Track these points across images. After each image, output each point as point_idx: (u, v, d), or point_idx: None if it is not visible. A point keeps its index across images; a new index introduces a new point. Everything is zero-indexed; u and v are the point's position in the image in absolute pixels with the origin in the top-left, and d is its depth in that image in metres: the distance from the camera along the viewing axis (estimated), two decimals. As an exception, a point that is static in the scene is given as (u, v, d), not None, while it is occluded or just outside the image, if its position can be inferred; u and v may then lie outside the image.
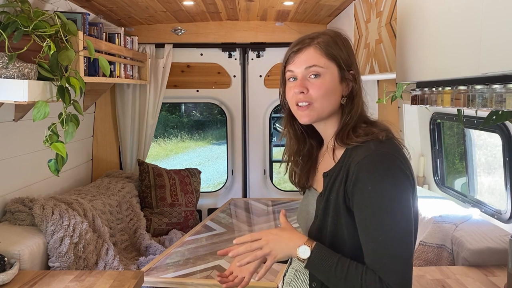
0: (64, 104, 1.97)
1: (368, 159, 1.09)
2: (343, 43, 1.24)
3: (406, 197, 1.09)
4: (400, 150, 1.15)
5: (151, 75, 3.69)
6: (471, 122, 2.32)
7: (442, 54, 1.40)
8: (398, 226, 1.06)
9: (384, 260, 1.05)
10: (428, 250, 2.20)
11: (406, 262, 1.06)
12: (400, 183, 1.08)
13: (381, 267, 1.05)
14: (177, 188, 3.63)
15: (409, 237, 1.08)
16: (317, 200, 1.22)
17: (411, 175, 1.13)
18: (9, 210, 2.37)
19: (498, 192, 2.37)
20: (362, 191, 1.08)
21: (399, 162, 1.10)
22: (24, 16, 1.88)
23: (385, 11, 2.15)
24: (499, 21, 1.07)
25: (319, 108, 1.20)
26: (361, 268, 1.08)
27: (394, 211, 1.06)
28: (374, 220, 1.07)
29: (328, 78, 1.19)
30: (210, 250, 2.56)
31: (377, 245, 1.06)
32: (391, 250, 1.05)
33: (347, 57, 1.22)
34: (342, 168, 1.15)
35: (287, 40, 3.70)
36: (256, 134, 3.98)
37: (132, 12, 3.12)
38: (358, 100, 1.22)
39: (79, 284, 1.90)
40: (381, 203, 1.06)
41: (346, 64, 1.22)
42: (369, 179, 1.08)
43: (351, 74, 1.23)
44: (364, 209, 1.09)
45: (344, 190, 1.13)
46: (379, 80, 3.08)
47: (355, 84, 1.23)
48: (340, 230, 1.14)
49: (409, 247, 1.07)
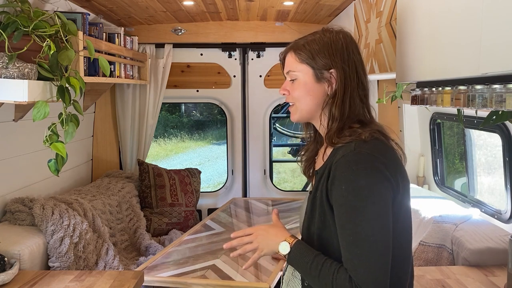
0: (64, 104, 1.97)
1: (345, 158, 1.11)
2: (328, 42, 1.23)
3: (382, 197, 1.08)
4: (383, 150, 1.14)
5: (151, 75, 3.69)
6: (471, 122, 2.32)
7: (442, 54, 1.40)
8: (369, 225, 1.06)
9: (354, 260, 1.06)
10: (428, 250, 2.20)
11: (378, 262, 1.05)
12: (375, 183, 1.08)
13: (351, 267, 1.07)
14: (177, 188, 3.63)
15: (383, 236, 1.07)
16: (308, 198, 1.26)
17: (394, 175, 1.11)
18: (9, 210, 2.37)
19: (498, 192, 2.37)
20: (337, 189, 1.10)
21: (377, 162, 1.10)
22: (24, 16, 1.88)
23: (385, 11, 2.15)
24: (499, 21, 1.07)
25: (301, 108, 1.26)
26: (334, 266, 1.10)
27: (366, 211, 1.07)
28: (346, 219, 1.08)
29: (302, 80, 1.24)
30: (208, 249, 2.56)
31: (348, 244, 1.08)
32: (361, 250, 1.06)
33: (326, 56, 1.22)
34: (326, 167, 1.17)
35: (287, 40, 3.68)
36: (256, 134, 3.98)
37: (132, 12, 3.12)
38: (343, 98, 1.20)
39: (79, 284, 1.90)
40: (353, 202, 1.07)
41: (322, 64, 1.22)
42: (344, 178, 1.09)
43: (331, 73, 1.22)
44: (339, 208, 1.11)
45: (326, 188, 1.15)
46: (379, 80, 3.07)
47: (339, 83, 1.21)
48: (328, 227, 1.15)
49: (382, 247, 1.06)
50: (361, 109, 1.23)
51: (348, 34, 1.26)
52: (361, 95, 1.23)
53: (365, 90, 1.24)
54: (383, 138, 1.18)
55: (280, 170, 8.43)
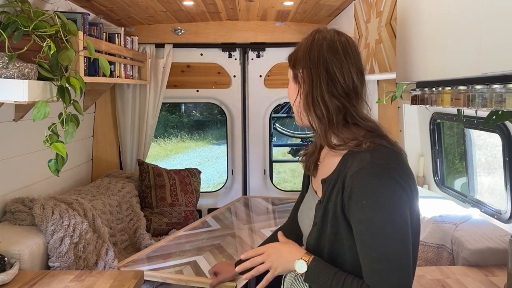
0: (64, 104, 1.97)
1: (363, 171, 1.08)
2: (304, 43, 1.23)
3: (402, 209, 1.07)
4: (398, 158, 1.12)
5: (151, 75, 3.69)
6: (471, 122, 2.32)
7: (442, 54, 1.40)
8: (392, 242, 1.05)
9: (376, 276, 1.05)
10: (428, 250, 2.20)
11: (401, 277, 1.05)
12: (395, 196, 1.07)
13: (374, 283, 1.05)
14: (177, 188, 3.63)
15: (404, 251, 1.06)
16: (316, 207, 1.22)
17: (409, 184, 1.10)
18: (9, 210, 2.37)
19: (498, 192, 2.37)
20: (356, 204, 1.07)
21: (394, 174, 1.08)
22: (24, 16, 1.88)
23: (385, 11, 2.15)
24: (499, 22, 1.07)
25: (293, 110, 1.27)
26: (356, 283, 1.08)
27: (389, 226, 1.05)
28: (368, 235, 1.06)
29: (289, 82, 1.28)
30: (195, 246, 2.59)
31: (371, 260, 1.06)
32: (384, 266, 1.04)
33: (299, 57, 1.22)
34: (339, 177, 1.14)
35: (287, 40, 3.70)
36: (256, 134, 3.98)
37: (132, 12, 3.12)
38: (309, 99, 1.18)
39: (79, 284, 1.90)
40: (375, 218, 1.05)
41: (294, 64, 1.23)
42: (363, 193, 1.06)
43: (301, 73, 1.21)
44: (359, 223, 1.08)
45: (341, 200, 1.12)
46: (379, 80, 3.08)
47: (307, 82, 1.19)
48: (340, 240, 1.13)
49: (404, 261, 1.05)
50: (341, 108, 1.17)
51: (325, 32, 1.22)
52: (338, 94, 1.16)
53: (344, 88, 1.17)
54: (385, 142, 1.15)
55: (280, 170, 8.43)
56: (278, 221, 3.11)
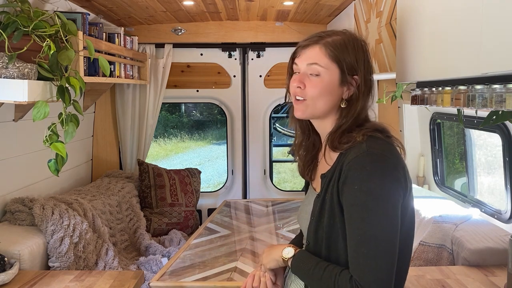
0: (64, 104, 1.97)
1: (358, 158, 1.10)
2: (355, 47, 1.22)
3: (394, 198, 1.09)
4: (392, 149, 1.15)
5: (151, 75, 3.69)
6: (471, 122, 2.32)
7: (442, 54, 1.40)
8: (378, 225, 1.06)
9: (360, 259, 1.06)
10: (428, 250, 2.19)
11: (384, 262, 1.05)
12: (388, 183, 1.08)
13: (355, 266, 1.06)
14: (177, 188, 3.63)
15: (391, 237, 1.07)
16: (314, 200, 1.23)
17: (403, 175, 1.12)
18: (9, 210, 2.37)
19: (498, 192, 2.37)
20: (349, 189, 1.09)
21: (390, 162, 1.10)
22: (24, 16, 1.88)
23: (385, 11, 2.15)
24: (499, 21, 1.07)
25: (312, 106, 1.21)
26: (337, 269, 1.10)
27: (377, 211, 1.06)
28: (356, 219, 1.08)
29: (327, 78, 1.20)
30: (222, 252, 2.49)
31: (356, 243, 1.07)
32: (367, 249, 1.05)
33: (354, 62, 1.21)
34: (336, 168, 1.16)
35: (287, 40, 3.70)
36: (256, 134, 3.98)
37: (132, 12, 3.12)
38: (356, 105, 1.21)
39: (79, 284, 1.90)
40: (366, 202, 1.06)
41: (349, 69, 1.20)
42: (357, 178, 1.08)
43: (354, 79, 1.21)
44: (350, 207, 1.10)
45: (337, 189, 1.13)
46: (379, 80, 3.07)
47: (356, 90, 1.21)
48: (336, 231, 1.14)
49: (389, 247, 1.06)
50: (366, 113, 1.24)
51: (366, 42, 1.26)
52: (369, 102, 1.24)
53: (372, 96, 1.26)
54: (380, 135, 1.17)
55: (280, 170, 8.43)
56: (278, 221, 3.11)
